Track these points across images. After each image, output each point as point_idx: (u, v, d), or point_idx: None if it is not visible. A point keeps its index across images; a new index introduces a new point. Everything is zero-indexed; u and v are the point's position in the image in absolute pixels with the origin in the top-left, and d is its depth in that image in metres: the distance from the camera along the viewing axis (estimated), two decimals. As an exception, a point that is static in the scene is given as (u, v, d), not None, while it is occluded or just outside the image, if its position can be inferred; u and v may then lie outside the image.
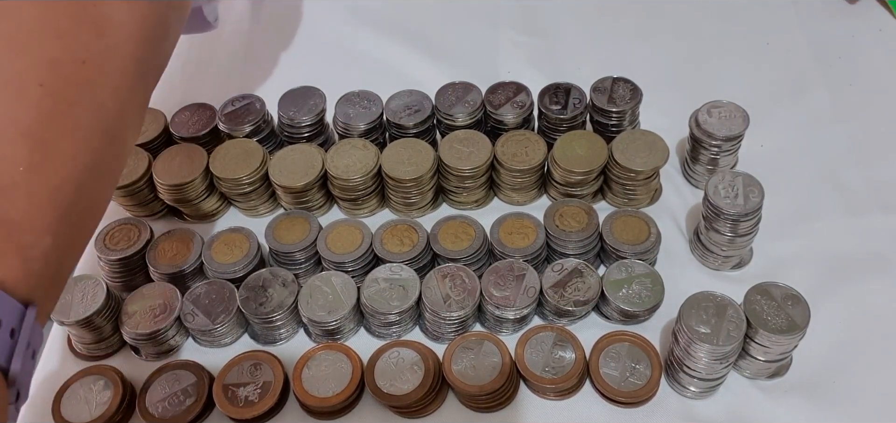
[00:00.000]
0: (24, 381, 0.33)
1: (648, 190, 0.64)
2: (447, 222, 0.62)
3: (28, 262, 0.33)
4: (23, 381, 0.33)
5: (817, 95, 0.74)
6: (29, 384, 0.34)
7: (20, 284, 0.33)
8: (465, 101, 0.67)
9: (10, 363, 0.32)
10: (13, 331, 0.32)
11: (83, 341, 0.58)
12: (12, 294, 0.32)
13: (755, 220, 0.57)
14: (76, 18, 0.37)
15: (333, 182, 0.64)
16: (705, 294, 0.51)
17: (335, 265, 0.59)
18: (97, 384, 0.55)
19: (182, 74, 0.80)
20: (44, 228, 0.34)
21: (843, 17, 0.81)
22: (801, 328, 0.49)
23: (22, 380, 0.32)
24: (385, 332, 0.58)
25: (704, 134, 0.63)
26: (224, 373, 0.55)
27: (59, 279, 0.37)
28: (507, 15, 0.85)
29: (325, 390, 0.53)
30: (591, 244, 0.59)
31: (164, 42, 0.45)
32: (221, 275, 0.60)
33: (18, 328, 0.32)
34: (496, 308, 0.55)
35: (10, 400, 0.32)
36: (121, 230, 0.63)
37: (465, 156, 0.63)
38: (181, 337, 0.59)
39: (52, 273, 0.35)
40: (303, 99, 0.69)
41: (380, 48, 0.82)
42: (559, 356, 0.54)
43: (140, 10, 0.41)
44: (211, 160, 0.64)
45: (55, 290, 0.36)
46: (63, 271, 0.37)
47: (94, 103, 0.37)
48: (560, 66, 0.78)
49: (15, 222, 0.33)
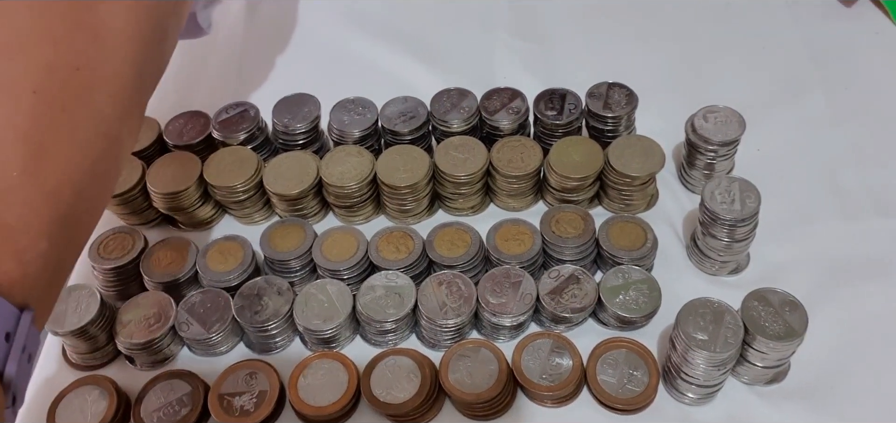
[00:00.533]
0: (21, 385, 0.33)
1: (645, 195, 0.64)
2: (443, 228, 0.61)
3: (23, 265, 0.33)
4: (19, 385, 0.33)
5: (814, 99, 0.73)
6: (25, 388, 0.34)
7: (15, 287, 0.33)
8: (461, 107, 0.67)
9: (4, 366, 0.32)
10: (8, 335, 0.32)
11: (78, 351, 0.58)
12: (8, 298, 0.32)
13: (752, 225, 0.56)
14: (72, 24, 0.38)
15: (328, 189, 0.63)
16: (703, 300, 0.50)
17: (331, 273, 0.59)
18: (92, 394, 0.54)
19: (176, 82, 0.80)
20: (39, 232, 0.34)
21: (839, 20, 0.81)
22: (799, 334, 0.49)
23: (18, 384, 0.33)
24: (381, 340, 0.57)
25: (700, 139, 0.62)
26: (219, 382, 0.54)
27: (55, 283, 0.37)
28: (502, 20, 0.85)
29: (321, 399, 0.53)
30: (587, 250, 0.59)
31: (162, 47, 0.45)
32: (216, 284, 0.59)
33: (14, 332, 0.32)
34: (493, 315, 0.55)
35: (7, 404, 0.32)
36: (115, 239, 0.62)
37: (461, 162, 0.63)
38: (176, 346, 0.59)
39: (47, 277, 0.35)
40: (297, 106, 0.68)
41: (374, 54, 0.82)
42: (556, 362, 0.54)
43: (136, 15, 0.41)
44: (205, 168, 0.64)
45: (51, 294, 0.36)
46: (59, 275, 0.37)
47: (90, 108, 0.37)
48: (555, 71, 0.78)
49: (10, 226, 0.33)
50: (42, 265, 0.34)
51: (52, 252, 0.35)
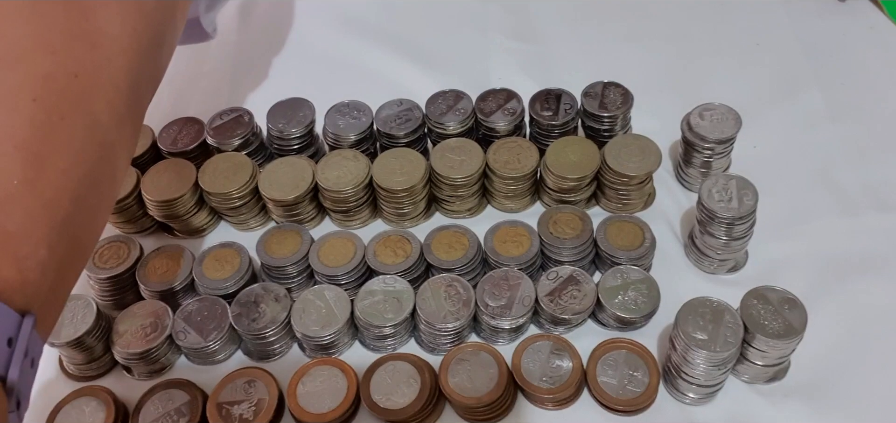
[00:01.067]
0: (24, 390, 0.33)
1: (642, 194, 0.64)
2: (440, 231, 0.61)
3: (24, 272, 0.33)
4: (22, 390, 0.33)
5: (809, 95, 0.73)
6: (29, 393, 0.34)
7: (17, 294, 0.33)
8: (456, 109, 0.67)
9: (7, 371, 0.32)
10: (10, 340, 0.32)
11: (74, 362, 0.57)
12: (9, 304, 0.32)
13: (750, 223, 0.56)
14: (69, 32, 0.38)
15: (325, 194, 0.63)
16: (702, 300, 0.50)
17: (328, 279, 0.59)
18: (90, 405, 0.54)
19: (169, 89, 0.79)
20: (39, 239, 0.34)
21: (833, 16, 0.81)
22: (799, 332, 0.49)
23: (21, 389, 0.33)
24: (380, 345, 0.57)
25: (697, 137, 0.62)
26: (218, 391, 0.54)
27: (58, 291, 0.37)
28: (497, 21, 0.85)
29: (320, 405, 0.53)
30: (585, 251, 0.59)
31: (159, 54, 0.45)
32: (213, 291, 0.59)
33: (16, 337, 0.32)
34: (492, 318, 0.55)
35: (11, 408, 0.32)
36: (110, 248, 0.62)
37: (457, 164, 0.62)
38: (174, 355, 0.58)
39: (49, 284, 0.35)
40: (292, 111, 0.68)
41: (369, 57, 0.81)
42: (556, 364, 0.53)
43: (133, 22, 0.41)
44: (200, 175, 0.64)
45: (55, 301, 0.37)
46: (62, 282, 0.37)
47: (88, 116, 0.37)
48: (551, 71, 0.78)
49: (10, 234, 0.33)
50: (42, 272, 0.34)
51: (52, 260, 0.35)
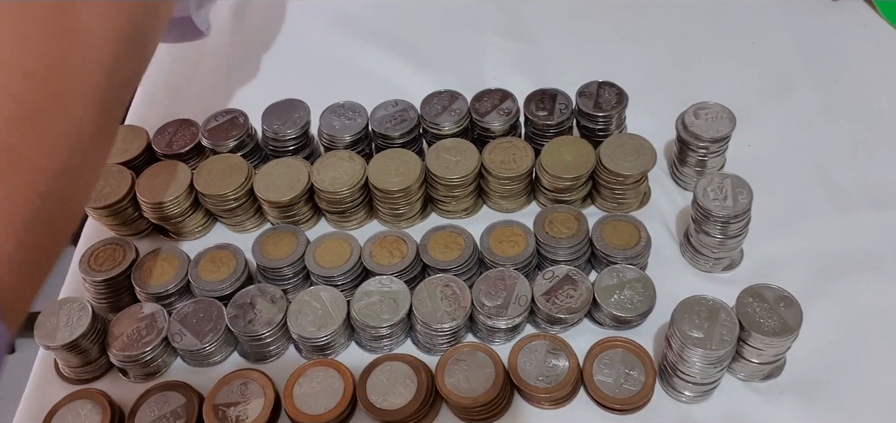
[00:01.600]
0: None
1: (637, 194, 0.64)
2: (436, 232, 0.61)
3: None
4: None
5: (803, 93, 0.74)
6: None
7: None
8: (451, 109, 0.67)
9: None
10: None
11: (70, 365, 0.57)
12: None
13: (745, 221, 0.56)
14: (48, 27, 0.37)
15: (320, 195, 0.63)
16: (697, 298, 0.50)
17: (324, 280, 0.59)
18: (85, 408, 0.54)
19: (164, 90, 0.79)
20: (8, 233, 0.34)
21: (827, 15, 0.81)
22: (794, 330, 0.49)
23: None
24: (376, 345, 0.57)
25: (691, 136, 0.62)
26: (214, 393, 0.54)
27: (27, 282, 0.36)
28: (492, 21, 0.85)
29: (317, 406, 0.53)
30: (581, 250, 0.59)
31: (141, 50, 0.45)
32: (209, 293, 0.59)
33: None
34: (488, 318, 0.55)
35: None
36: (105, 251, 0.62)
37: (453, 165, 0.62)
38: (169, 357, 0.58)
39: (16, 276, 0.35)
40: (287, 112, 0.68)
41: (363, 58, 0.81)
42: (553, 364, 0.54)
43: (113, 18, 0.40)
44: (195, 177, 0.64)
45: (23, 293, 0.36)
46: (33, 274, 0.37)
47: (63, 112, 0.37)
48: (545, 71, 0.78)
49: None
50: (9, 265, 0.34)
51: (19, 254, 0.35)
